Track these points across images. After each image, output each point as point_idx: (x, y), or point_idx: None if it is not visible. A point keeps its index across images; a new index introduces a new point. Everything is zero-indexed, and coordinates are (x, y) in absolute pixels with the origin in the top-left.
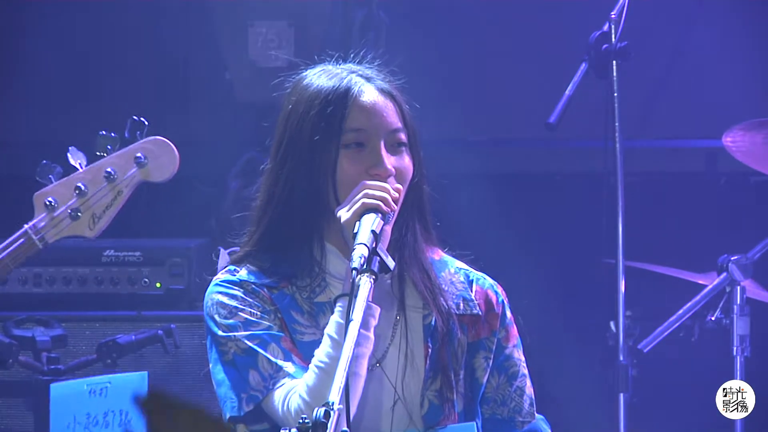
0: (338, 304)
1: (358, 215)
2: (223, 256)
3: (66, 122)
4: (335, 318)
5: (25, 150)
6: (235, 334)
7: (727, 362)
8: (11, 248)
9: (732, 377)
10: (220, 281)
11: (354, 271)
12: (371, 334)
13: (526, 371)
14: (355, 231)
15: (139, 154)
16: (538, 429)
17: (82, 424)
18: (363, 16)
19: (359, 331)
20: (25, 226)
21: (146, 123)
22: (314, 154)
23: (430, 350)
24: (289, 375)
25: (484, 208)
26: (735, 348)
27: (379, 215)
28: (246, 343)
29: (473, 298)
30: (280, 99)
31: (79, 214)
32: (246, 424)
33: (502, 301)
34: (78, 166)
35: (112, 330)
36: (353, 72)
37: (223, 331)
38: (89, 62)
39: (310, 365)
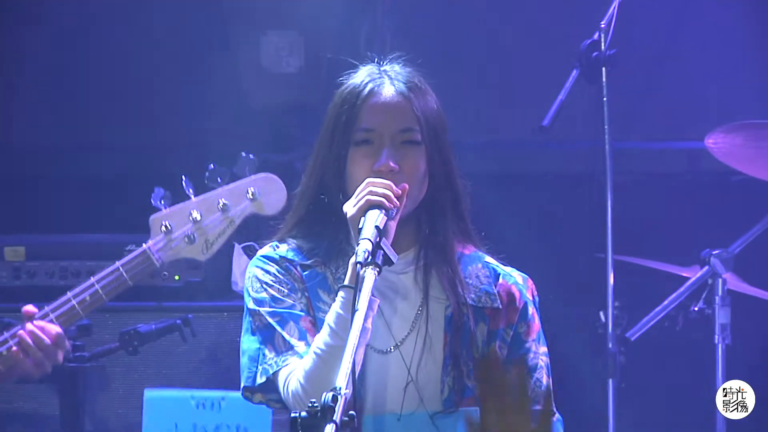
0: (340, 294)
1: (363, 211)
2: (238, 250)
3: (94, 125)
4: (336, 308)
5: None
6: (261, 309)
7: (710, 349)
8: (133, 264)
9: (714, 364)
10: (261, 255)
11: (358, 264)
12: (369, 325)
13: (544, 364)
14: (360, 226)
15: (252, 189)
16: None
17: (185, 430)
18: (369, 25)
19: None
20: (144, 245)
21: (255, 159)
22: (332, 149)
23: (448, 339)
24: (298, 354)
25: (482, 206)
26: (717, 336)
27: (383, 211)
28: (268, 319)
29: (496, 292)
30: (292, 102)
31: (194, 238)
32: (262, 393)
33: (526, 298)
34: (190, 195)
35: (133, 320)
36: (382, 72)
37: (253, 303)
38: (115, 69)
39: (309, 349)
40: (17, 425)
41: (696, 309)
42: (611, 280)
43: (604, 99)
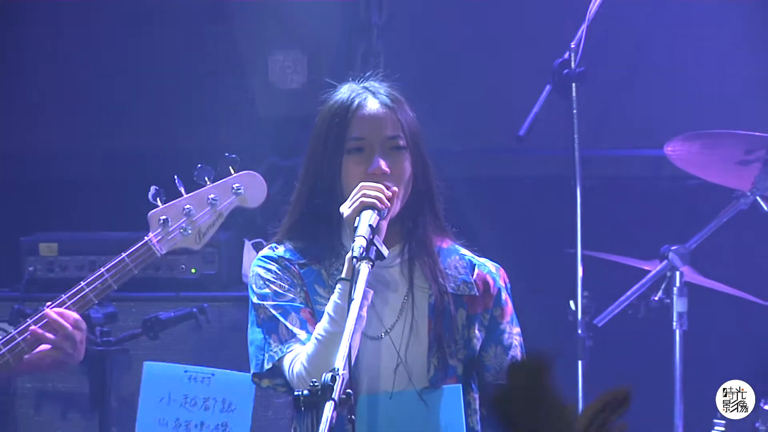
0: (338, 286)
1: (358, 212)
2: (247, 246)
3: (119, 134)
4: (334, 298)
5: (80, 159)
6: (265, 303)
7: (668, 335)
8: (137, 255)
9: (672, 348)
10: (262, 256)
11: (354, 259)
12: (364, 313)
13: (518, 343)
14: (355, 225)
15: (236, 185)
16: None
17: (177, 402)
18: (365, 46)
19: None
20: (146, 238)
21: (238, 159)
22: (325, 158)
23: (432, 324)
24: (300, 341)
25: (466, 206)
26: (675, 323)
27: (376, 211)
28: (271, 311)
29: (473, 281)
30: (296, 113)
31: (189, 231)
32: (269, 378)
33: (500, 285)
34: (182, 191)
35: (154, 308)
36: (364, 88)
37: (258, 299)
38: (137, 84)
39: (311, 336)
40: (52, 403)
41: (656, 299)
42: (580, 273)
43: (574, 111)
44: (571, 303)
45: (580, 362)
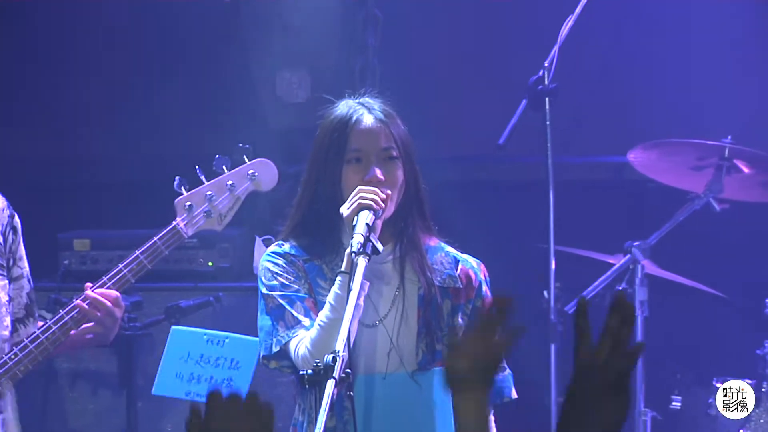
0: (338, 278)
1: (355, 212)
2: (258, 243)
3: (144, 140)
4: (335, 289)
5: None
6: (273, 293)
7: None
8: (166, 237)
9: (634, 332)
10: (270, 252)
11: (353, 254)
12: (361, 302)
13: None
14: (353, 224)
15: (251, 171)
16: (503, 384)
17: (194, 359)
18: (361, 65)
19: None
20: (173, 222)
21: (251, 148)
22: (327, 166)
23: (421, 313)
24: (304, 327)
25: (450, 208)
26: (637, 310)
27: (371, 212)
28: (279, 301)
29: (457, 275)
30: (301, 125)
31: (211, 214)
32: (276, 360)
33: (480, 278)
34: (203, 179)
35: (176, 297)
36: (360, 104)
37: (266, 289)
38: (163, 98)
39: (314, 322)
40: (84, 381)
41: (620, 288)
42: (553, 266)
43: (547, 123)
44: (545, 292)
45: (552, 345)
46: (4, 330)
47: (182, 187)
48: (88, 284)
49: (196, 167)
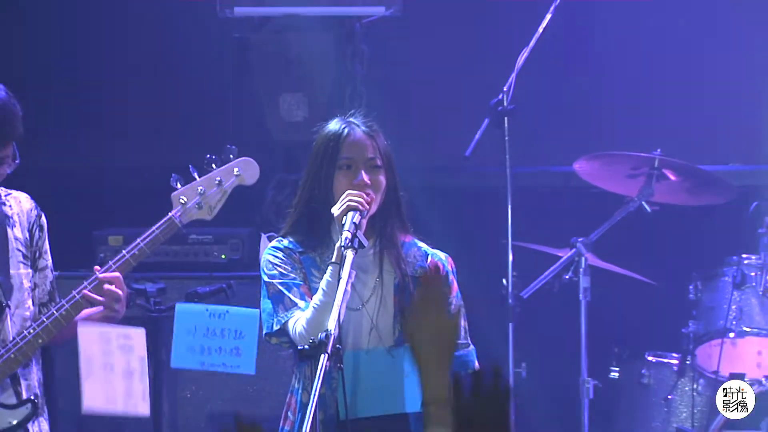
0: (329, 268)
1: (345, 212)
2: (264, 239)
3: (165, 151)
4: (326, 277)
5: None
6: (273, 280)
7: (576, 304)
8: (163, 227)
9: (579, 315)
10: (271, 246)
11: (342, 248)
12: (348, 288)
13: (461, 312)
14: (342, 222)
15: (236, 169)
16: (468, 358)
17: (201, 332)
18: (351, 90)
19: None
20: (170, 214)
21: (236, 148)
22: (321, 171)
23: (397, 299)
24: (300, 309)
25: (423, 210)
26: (581, 296)
27: (358, 213)
28: (278, 287)
29: (427, 266)
30: (299, 139)
31: (202, 205)
32: (277, 337)
33: (447, 269)
34: (196, 176)
35: (194, 284)
36: (350, 122)
37: (268, 278)
38: (183, 117)
39: (309, 305)
40: None
41: (567, 277)
42: (510, 258)
43: (506, 138)
44: (504, 280)
45: (510, 325)
46: (26, 311)
47: (177, 183)
48: (97, 267)
49: (189, 166)
